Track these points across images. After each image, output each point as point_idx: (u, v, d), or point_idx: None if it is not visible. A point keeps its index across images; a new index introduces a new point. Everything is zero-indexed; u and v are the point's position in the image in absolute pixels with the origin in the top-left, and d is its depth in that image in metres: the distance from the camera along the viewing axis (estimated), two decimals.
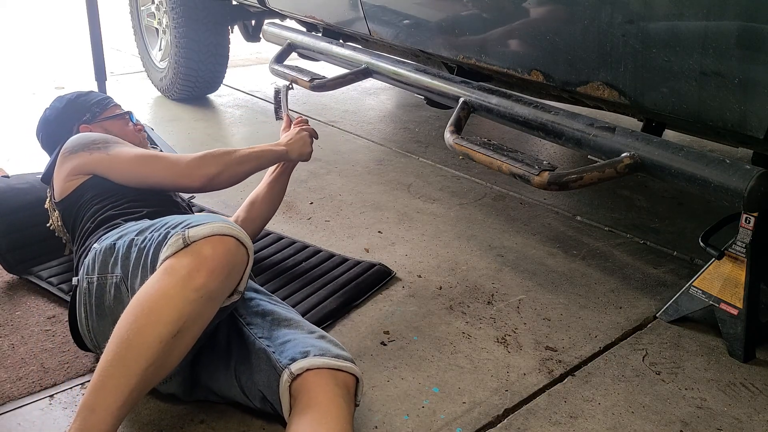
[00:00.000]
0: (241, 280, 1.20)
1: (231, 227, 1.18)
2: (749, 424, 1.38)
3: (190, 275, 1.10)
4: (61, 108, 1.78)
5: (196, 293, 1.09)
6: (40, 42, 5.19)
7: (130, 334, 1.08)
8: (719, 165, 1.33)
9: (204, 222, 1.17)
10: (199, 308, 1.11)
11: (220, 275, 1.12)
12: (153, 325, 1.07)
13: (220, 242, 1.14)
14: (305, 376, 1.19)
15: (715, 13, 1.27)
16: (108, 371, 1.07)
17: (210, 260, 1.11)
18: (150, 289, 1.11)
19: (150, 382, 1.11)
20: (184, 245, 1.13)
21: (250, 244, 1.20)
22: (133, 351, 1.07)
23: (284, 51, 2.71)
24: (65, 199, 1.58)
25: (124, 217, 1.47)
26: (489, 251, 2.06)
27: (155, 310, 1.08)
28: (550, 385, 1.47)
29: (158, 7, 3.58)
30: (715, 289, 1.61)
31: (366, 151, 2.96)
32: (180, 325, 1.09)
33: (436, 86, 2.03)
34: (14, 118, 3.24)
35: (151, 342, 1.07)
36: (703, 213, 2.42)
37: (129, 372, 1.07)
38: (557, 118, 1.64)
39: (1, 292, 1.74)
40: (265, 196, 1.84)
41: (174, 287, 1.09)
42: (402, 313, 1.72)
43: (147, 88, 3.81)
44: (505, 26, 1.77)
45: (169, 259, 1.13)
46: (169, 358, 1.11)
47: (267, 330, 1.31)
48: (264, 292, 1.48)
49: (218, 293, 1.14)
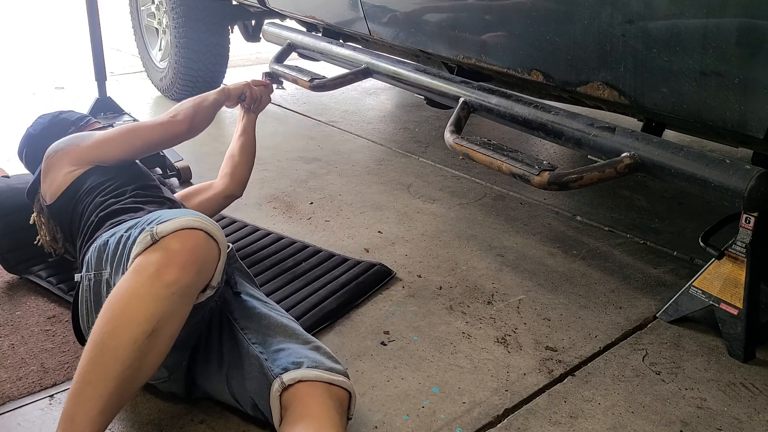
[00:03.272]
0: (214, 274, 1.17)
1: (200, 220, 1.15)
2: (749, 424, 1.38)
3: (159, 271, 1.07)
4: (46, 123, 1.85)
5: (167, 289, 1.07)
6: (40, 42, 5.19)
7: (103, 338, 1.06)
8: (719, 165, 1.33)
9: (173, 217, 1.15)
10: (171, 305, 1.08)
11: (190, 270, 1.10)
12: (126, 326, 1.05)
13: (189, 236, 1.12)
14: (298, 387, 1.17)
15: (715, 13, 1.27)
16: (84, 377, 1.05)
17: (179, 255, 1.09)
18: (120, 289, 1.09)
19: (130, 385, 1.09)
20: (153, 241, 1.11)
21: (222, 237, 1.17)
22: (108, 354, 1.05)
23: (284, 51, 2.71)
24: (60, 196, 1.57)
25: (127, 212, 1.47)
26: (489, 251, 2.06)
27: (127, 311, 1.06)
28: (550, 385, 1.47)
29: (158, 7, 3.58)
30: (715, 289, 1.61)
31: (366, 151, 2.96)
32: (154, 323, 1.06)
33: (436, 86, 2.03)
34: (14, 118, 3.24)
35: (125, 344, 1.05)
36: (703, 213, 2.42)
37: (105, 376, 1.04)
38: (557, 118, 1.64)
39: (1, 292, 1.74)
40: (238, 146, 1.99)
41: (144, 285, 1.07)
42: (402, 313, 1.72)
43: (147, 88, 3.81)
44: (505, 26, 1.77)
45: (139, 257, 1.11)
46: (146, 359, 1.08)
47: (261, 336, 1.29)
48: (260, 297, 1.45)
49: (190, 288, 1.12)
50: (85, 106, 2.88)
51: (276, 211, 2.30)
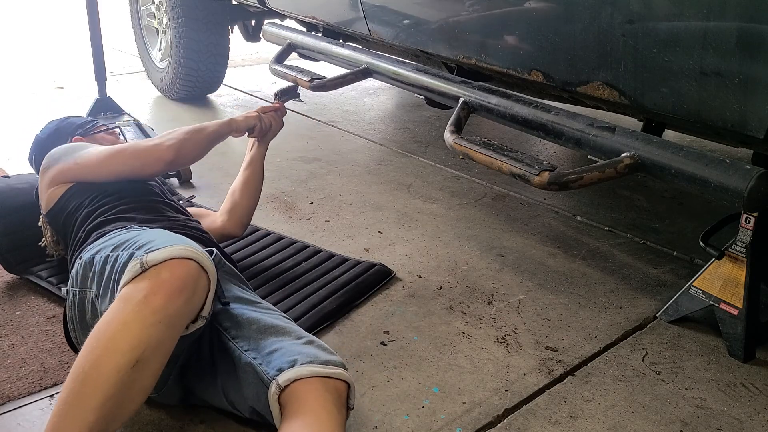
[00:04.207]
0: (204, 305, 1.15)
1: (191, 250, 1.13)
2: (749, 424, 1.38)
3: (147, 299, 1.05)
4: (53, 128, 1.84)
5: (154, 316, 1.05)
6: (40, 42, 5.19)
7: (86, 367, 1.02)
8: (719, 165, 1.33)
9: (164, 245, 1.13)
10: (158, 334, 1.05)
11: (179, 298, 1.07)
12: (109, 355, 1.02)
13: (180, 265, 1.10)
14: (294, 385, 1.16)
15: (715, 13, 1.27)
16: (63, 409, 1.01)
17: (168, 283, 1.07)
18: (107, 317, 1.07)
19: (112, 419, 1.04)
20: (142, 270, 1.09)
21: (212, 268, 1.16)
22: (90, 385, 1.01)
23: (284, 51, 2.71)
24: (51, 209, 1.58)
25: (114, 223, 1.44)
26: (489, 251, 2.06)
27: (112, 339, 1.03)
28: (550, 385, 1.47)
29: (158, 7, 3.58)
30: (715, 289, 1.61)
31: (366, 151, 2.96)
32: (139, 353, 1.03)
33: (436, 86, 2.03)
34: (14, 118, 3.24)
35: (108, 374, 1.01)
36: (703, 213, 2.42)
37: (85, 408, 1.00)
38: (557, 118, 1.64)
39: (1, 292, 1.74)
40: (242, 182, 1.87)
41: (130, 313, 1.05)
42: (402, 313, 1.72)
43: (147, 88, 3.81)
44: (505, 26, 1.78)
45: (127, 286, 1.09)
46: (130, 391, 1.04)
47: (253, 341, 1.27)
48: (249, 300, 1.42)
49: (178, 318, 1.09)
50: (85, 106, 2.88)
51: (276, 211, 2.30)
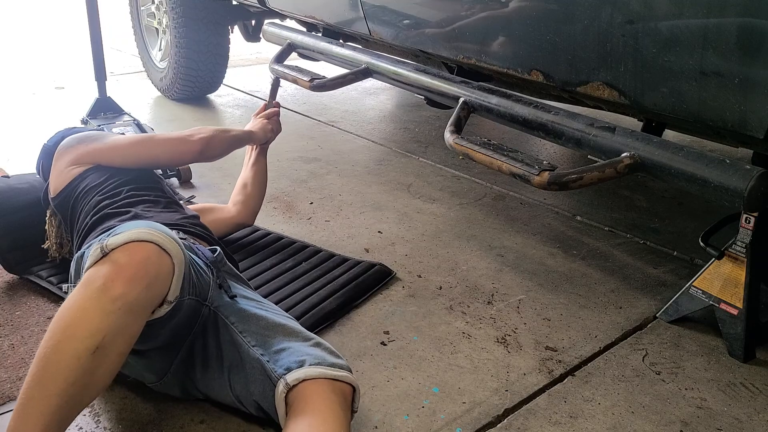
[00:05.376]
0: (169, 289, 1.12)
1: (151, 232, 1.10)
2: (749, 424, 1.38)
3: (106, 285, 1.03)
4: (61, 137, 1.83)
5: (113, 304, 1.03)
6: (40, 42, 5.19)
7: (47, 352, 1.02)
8: (719, 165, 1.33)
9: (126, 229, 1.11)
10: (119, 321, 1.04)
11: (139, 284, 1.05)
12: (68, 341, 1.01)
13: (139, 249, 1.07)
14: (302, 385, 1.17)
15: (715, 13, 1.27)
16: (28, 394, 1.01)
17: (126, 268, 1.05)
18: (68, 302, 1.06)
19: (76, 402, 1.04)
20: (102, 255, 1.07)
21: (176, 249, 1.12)
22: (50, 370, 1.01)
23: (284, 51, 2.71)
24: (62, 191, 1.58)
25: (118, 217, 1.45)
26: (489, 251, 2.06)
27: (71, 325, 1.02)
28: (550, 385, 1.47)
29: (158, 7, 3.58)
30: (715, 289, 1.61)
31: (366, 151, 2.96)
32: (99, 339, 1.02)
33: (436, 86, 2.02)
34: (14, 118, 3.24)
35: (68, 359, 1.01)
36: (703, 213, 2.42)
37: (48, 393, 1.00)
38: (557, 118, 1.64)
39: (1, 292, 1.74)
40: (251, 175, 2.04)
41: (89, 299, 1.04)
42: (402, 313, 1.72)
43: (147, 88, 3.81)
44: (505, 26, 1.77)
45: (88, 270, 1.08)
46: (93, 376, 1.04)
47: (261, 337, 1.27)
48: (254, 298, 1.43)
49: (140, 304, 1.07)
50: (85, 106, 2.88)
51: (276, 211, 2.30)
